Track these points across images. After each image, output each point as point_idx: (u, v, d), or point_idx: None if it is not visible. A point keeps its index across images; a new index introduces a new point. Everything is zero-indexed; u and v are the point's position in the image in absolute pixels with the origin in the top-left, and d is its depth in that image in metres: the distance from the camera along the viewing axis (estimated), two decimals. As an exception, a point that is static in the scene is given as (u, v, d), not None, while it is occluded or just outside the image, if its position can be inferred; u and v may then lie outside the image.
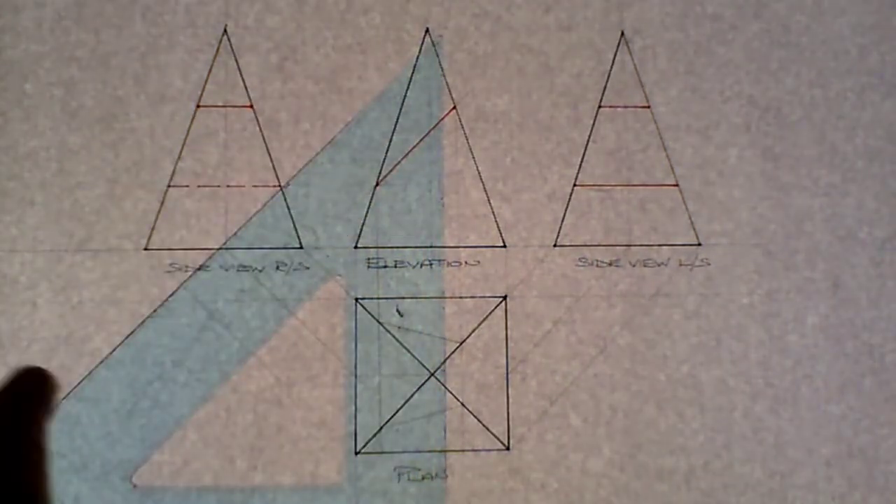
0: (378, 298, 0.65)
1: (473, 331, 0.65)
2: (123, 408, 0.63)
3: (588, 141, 0.68)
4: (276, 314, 0.65)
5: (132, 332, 0.63)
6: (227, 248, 0.65)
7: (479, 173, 0.67)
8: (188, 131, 0.66)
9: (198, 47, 0.67)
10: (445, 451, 0.64)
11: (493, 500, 0.64)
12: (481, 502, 0.63)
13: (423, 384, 0.64)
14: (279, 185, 0.66)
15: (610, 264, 0.67)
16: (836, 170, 0.69)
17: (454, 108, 0.68)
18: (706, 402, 0.66)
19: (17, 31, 0.66)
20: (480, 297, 0.66)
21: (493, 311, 0.66)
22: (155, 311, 0.64)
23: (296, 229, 0.65)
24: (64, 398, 0.63)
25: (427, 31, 0.68)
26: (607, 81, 0.69)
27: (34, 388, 0.28)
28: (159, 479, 0.62)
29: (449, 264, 0.66)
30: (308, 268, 0.65)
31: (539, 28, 0.69)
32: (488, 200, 0.67)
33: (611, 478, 0.64)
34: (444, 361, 0.65)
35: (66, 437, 0.63)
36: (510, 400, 0.65)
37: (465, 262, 0.66)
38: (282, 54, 0.67)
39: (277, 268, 0.65)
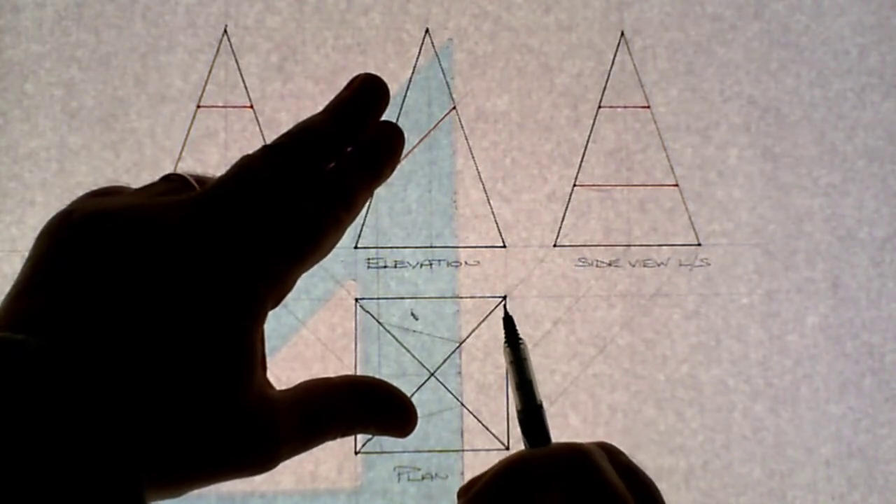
0: (378, 299, 0.65)
1: (473, 331, 0.65)
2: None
3: (588, 141, 0.68)
4: (276, 314, 0.65)
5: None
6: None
7: (479, 173, 0.67)
8: (188, 131, 0.66)
9: (198, 47, 0.67)
10: (445, 451, 0.64)
11: (493, 500, 0.63)
12: (481, 502, 0.63)
13: (423, 384, 0.64)
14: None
15: (610, 264, 0.67)
16: (836, 170, 0.69)
17: (454, 108, 0.68)
18: (706, 402, 0.66)
19: (17, 31, 0.66)
20: (480, 297, 0.66)
21: (493, 311, 0.66)
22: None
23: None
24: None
25: (427, 31, 0.68)
26: (607, 81, 0.69)
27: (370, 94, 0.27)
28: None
29: (449, 264, 0.66)
30: (308, 268, 0.65)
31: (539, 28, 0.69)
32: (488, 200, 0.67)
33: (611, 478, 0.64)
34: (444, 361, 0.65)
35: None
36: (510, 400, 0.65)
37: (465, 263, 0.66)
38: (282, 54, 0.67)
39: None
